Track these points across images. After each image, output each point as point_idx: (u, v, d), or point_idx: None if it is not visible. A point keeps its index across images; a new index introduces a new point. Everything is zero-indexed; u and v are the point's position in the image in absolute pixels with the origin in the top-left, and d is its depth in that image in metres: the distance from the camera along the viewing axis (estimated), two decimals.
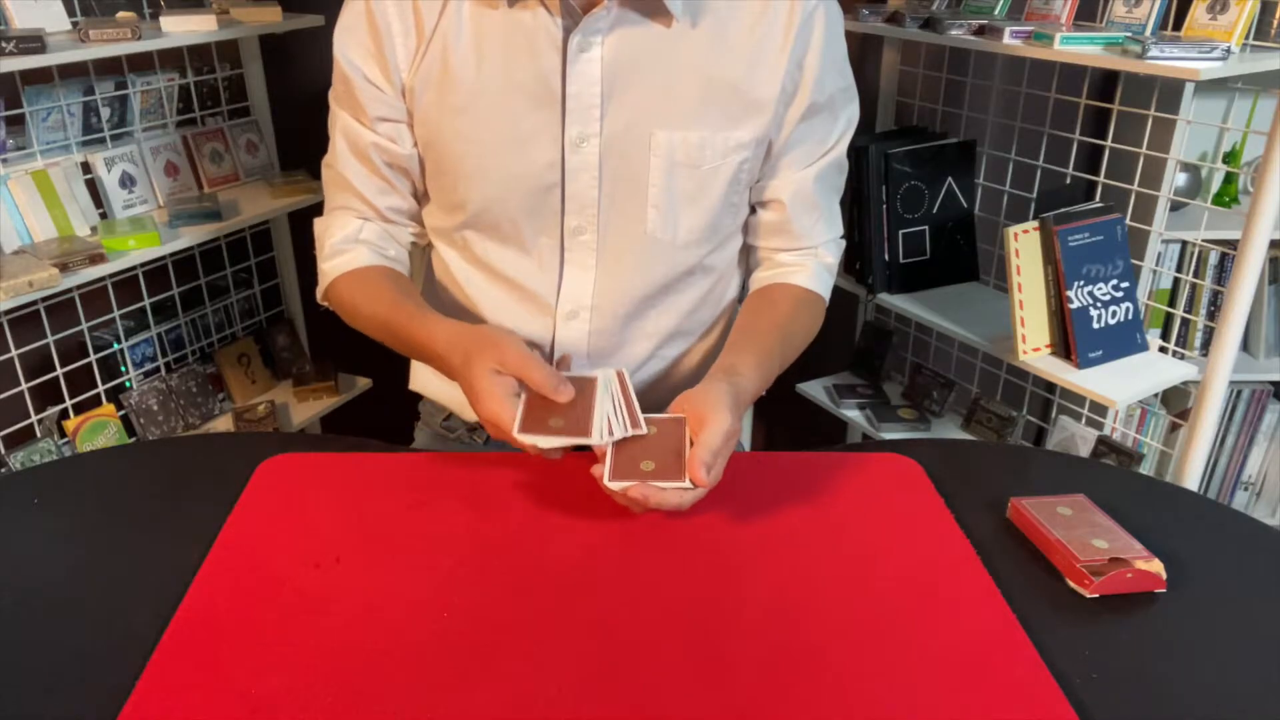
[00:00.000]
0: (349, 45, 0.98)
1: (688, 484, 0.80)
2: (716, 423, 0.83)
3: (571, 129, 0.96)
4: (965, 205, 1.88)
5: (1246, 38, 1.42)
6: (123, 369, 1.84)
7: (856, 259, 1.90)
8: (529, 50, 0.94)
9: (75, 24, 1.63)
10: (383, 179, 1.04)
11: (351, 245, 1.05)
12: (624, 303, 1.04)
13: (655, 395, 1.12)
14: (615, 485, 0.81)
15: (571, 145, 0.97)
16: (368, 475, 0.94)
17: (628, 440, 0.84)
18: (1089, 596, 0.79)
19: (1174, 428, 2.03)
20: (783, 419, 2.34)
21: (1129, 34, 1.46)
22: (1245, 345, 2.13)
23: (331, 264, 1.05)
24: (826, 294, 1.10)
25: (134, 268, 1.74)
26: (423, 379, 1.19)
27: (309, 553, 0.82)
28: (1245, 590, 0.81)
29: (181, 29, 1.67)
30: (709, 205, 1.01)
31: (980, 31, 1.63)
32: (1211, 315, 1.99)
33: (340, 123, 1.03)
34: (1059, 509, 0.87)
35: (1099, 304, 1.54)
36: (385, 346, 1.03)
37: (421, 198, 1.09)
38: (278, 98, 2.05)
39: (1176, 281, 2.02)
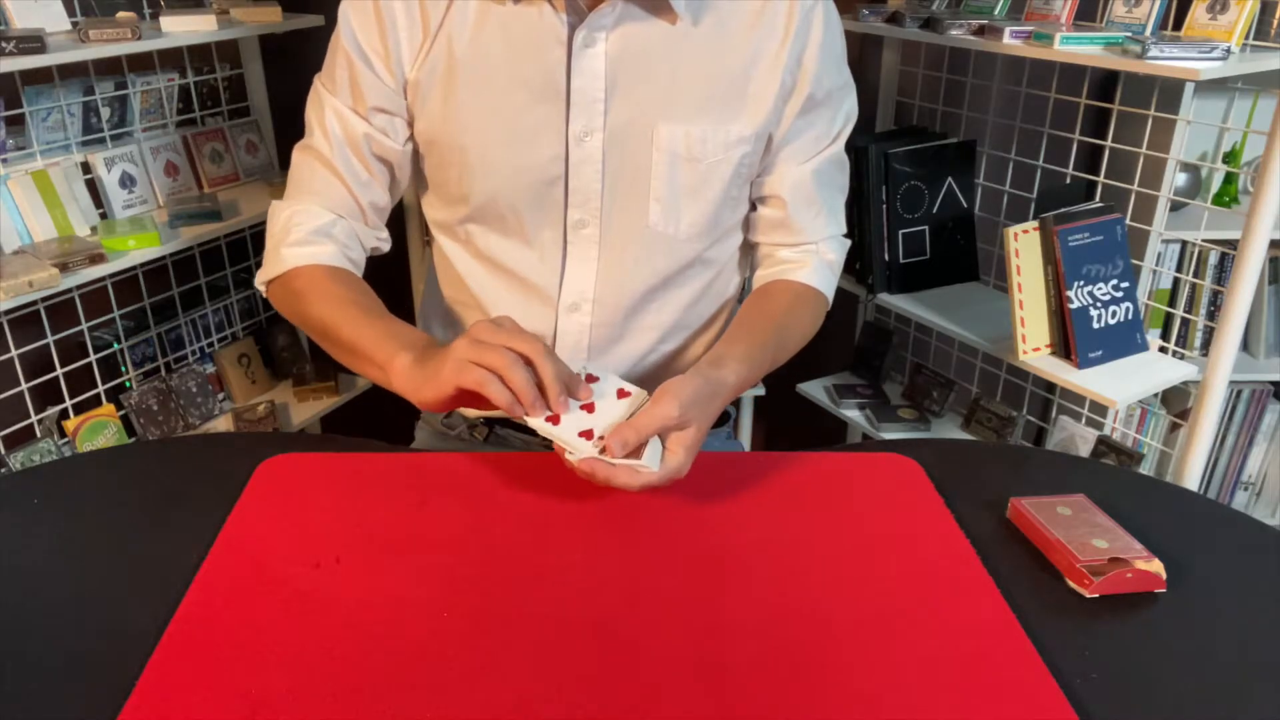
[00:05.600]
0: (355, 34, 0.98)
1: (593, 452, 0.81)
2: (660, 407, 0.83)
3: (575, 123, 0.97)
4: (965, 205, 1.88)
5: (1246, 38, 1.42)
6: (123, 369, 1.84)
7: (856, 259, 1.90)
8: (534, 45, 0.95)
9: (75, 24, 1.63)
10: (369, 171, 1.03)
11: (322, 239, 1.01)
12: (626, 295, 1.05)
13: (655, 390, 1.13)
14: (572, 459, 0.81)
15: (575, 139, 0.97)
16: (368, 475, 0.94)
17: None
18: (1089, 596, 0.79)
19: (1174, 428, 2.03)
20: (783, 419, 2.34)
21: (1129, 34, 1.46)
22: (1245, 345, 2.13)
23: (295, 251, 1.00)
24: (828, 291, 1.10)
25: (134, 268, 1.74)
26: None
27: (309, 553, 0.82)
28: (1245, 590, 0.81)
29: (181, 29, 1.67)
30: (711, 199, 1.02)
31: (980, 31, 1.63)
32: (1211, 315, 1.99)
33: (331, 109, 1.01)
34: (1059, 509, 0.87)
35: (1099, 304, 1.54)
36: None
37: (398, 197, 1.08)
38: (278, 98, 2.05)
39: (1176, 281, 2.02)
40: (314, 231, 1.02)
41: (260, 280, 1.05)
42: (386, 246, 1.10)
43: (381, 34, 0.97)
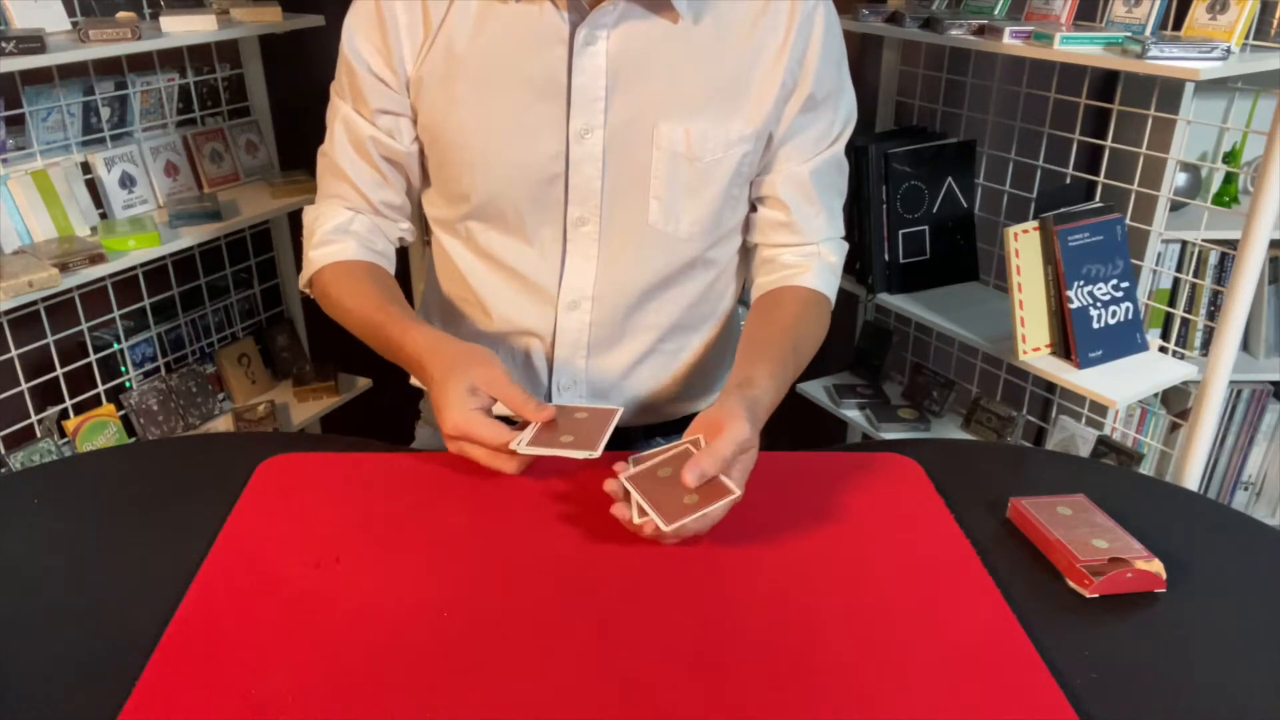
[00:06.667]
0: (356, 38, 1.00)
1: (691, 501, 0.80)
2: (729, 431, 0.82)
3: (576, 121, 0.97)
4: (965, 205, 1.88)
5: (1246, 38, 1.42)
6: (123, 369, 1.84)
7: (856, 259, 1.90)
8: (535, 43, 0.95)
9: (75, 24, 1.63)
10: (378, 172, 1.05)
11: (340, 236, 1.05)
12: (625, 294, 1.05)
13: (655, 390, 1.13)
14: (670, 528, 0.79)
15: (576, 137, 0.98)
16: (368, 475, 0.94)
17: (651, 478, 0.84)
18: (1089, 596, 0.79)
19: (1174, 428, 2.03)
20: (783, 419, 2.33)
21: (1129, 34, 1.46)
22: (1245, 345, 2.13)
23: (319, 253, 1.05)
24: (832, 294, 1.10)
25: (134, 268, 1.74)
26: None
27: (309, 553, 0.82)
28: (1245, 590, 0.81)
29: (181, 29, 1.67)
30: (711, 197, 1.02)
31: (980, 31, 1.63)
32: (1211, 315, 1.99)
33: (341, 114, 1.04)
34: (1059, 509, 0.87)
35: (1099, 304, 1.54)
36: None
37: (415, 194, 1.10)
38: (278, 98, 2.05)
39: (1176, 281, 2.02)
40: (333, 230, 1.05)
41: (300, 285, 1.10)
42: (411, 238, 1.13)
43: (383, 33, 0.98)
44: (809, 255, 1.08)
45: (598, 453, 0.84)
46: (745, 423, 0.83)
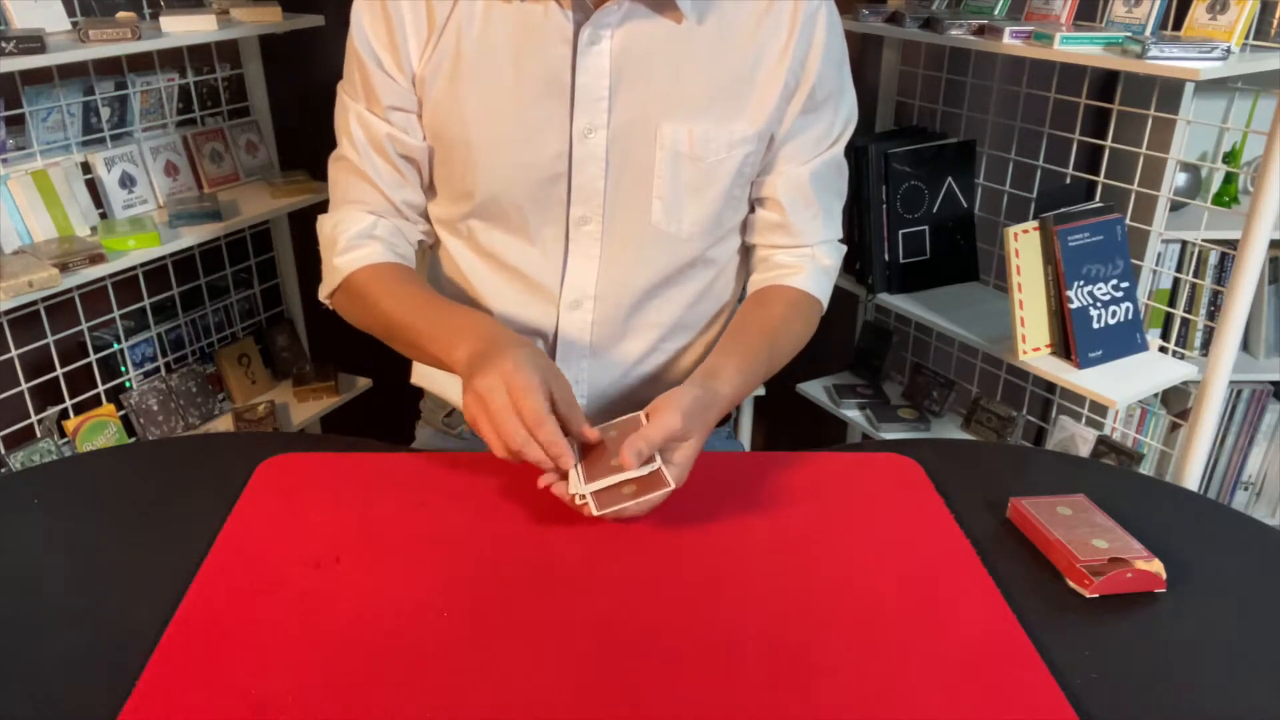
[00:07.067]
0: (365, 34, 0.99)
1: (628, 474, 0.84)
2: (660, 419, 0.86)
3: (579, 120, 0.97)
4: (965, 205, 1.88)
5: (1246, 38, 1.42)
6: (123, 369, 1.84)
7: (856, 259, 1.90)
8: (540, 42, 0.95)
9: (75, 24, 1.63)
10: (398, 172, 1.04)
11: (366, 240, 1.03)
12: (627, 293, 1.05)
13: (656, 389, 1.12)
14: (599, 513, 0.84)
15: (579, 136, 0.98)
16: (368, 475, 0.94)
17: (600, 461, 0.86)
18: (1089, 596, 0.79)
19: (1174, 428, 2.03)
20: (783, 419, 2.34)
21: (1129, 34, 1.46)
22: (1245, 345, 2.13)
23: (346, 259, 1.02)
24: (823, 296, 1.10)
25: (134, 268, 1.74)
26: (425, 373, 1.19)
27: (309, 553, 0.82)
28: (1245, 590, 0.81)
29: (181, 29, 1.67)
30: (713, 197, 1.02)
31: (980, 31, 1.63)
32: (1211, 315, 1.99)
33: (354, 115, 1.02)
34: (1059, 509, 0.87)
35: (1099, 304, 1.54)
36: (385, 347, 1.03)
37: (428, 192, 1.10)
38: (278, 98, 2.05)
39: (1176, 281, 2.02)
40: (357, 235, 1.03)
41: (322, 295, 1.07)
42: (430, 240, 1.12)
43: (389, 31, 0.98)
44: (803, 257, 1.09)
45: (659, 464, 0.85)
46: (677, 413, 0.86)
